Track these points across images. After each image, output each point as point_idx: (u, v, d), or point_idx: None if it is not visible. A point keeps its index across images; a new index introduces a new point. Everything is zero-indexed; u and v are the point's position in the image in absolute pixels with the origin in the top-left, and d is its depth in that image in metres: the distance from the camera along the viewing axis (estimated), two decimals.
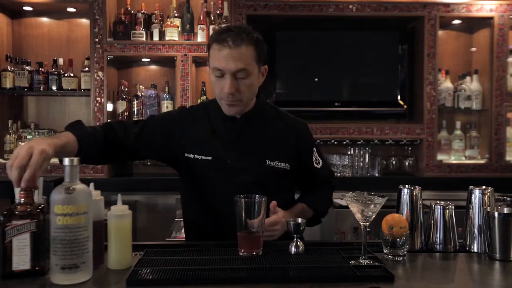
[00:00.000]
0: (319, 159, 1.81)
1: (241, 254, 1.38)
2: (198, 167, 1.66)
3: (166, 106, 3.41)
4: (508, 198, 1.58)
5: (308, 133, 1.82)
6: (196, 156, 1.66)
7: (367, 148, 3.58)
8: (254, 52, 1.57)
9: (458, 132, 3.57)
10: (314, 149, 1.80)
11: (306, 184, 1.84)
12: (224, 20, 3.35)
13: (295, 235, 1.42)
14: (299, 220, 1.44)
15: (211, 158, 1.64)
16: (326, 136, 3.43)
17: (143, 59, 3.58)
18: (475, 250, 1.51)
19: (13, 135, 3.37)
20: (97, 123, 3.30)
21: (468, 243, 1.53)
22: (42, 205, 1.24)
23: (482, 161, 3.50)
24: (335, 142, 3.48)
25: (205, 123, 1.70)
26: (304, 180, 1.82)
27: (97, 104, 3.31)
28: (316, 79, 3.50)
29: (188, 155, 1.67)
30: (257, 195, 1.40)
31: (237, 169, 1.63)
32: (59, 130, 3.53)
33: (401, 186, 1.57)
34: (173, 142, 1.70)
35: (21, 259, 1.20)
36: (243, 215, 1.38)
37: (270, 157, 1.66)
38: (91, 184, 1.32)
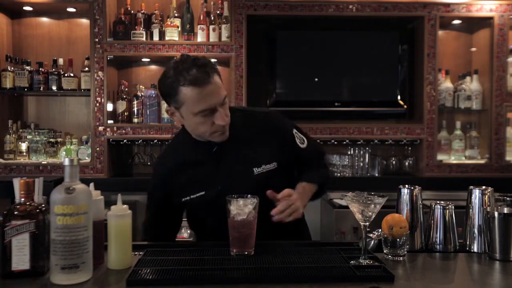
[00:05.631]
0: (303, 138, 1.75)
1: (232, 254, 1.39)
2: (196, 204, 1.65)
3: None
4: (508, 198, 1.58)
5: (282, 120, 1.75)
6: (191, 196, 1.64)
7: (367, 148, 3.58)
8: (219, 76, 1.55)
9: (458, 132, 3.57)
10: (294, 130, 1.73)
11: (299, 166, 1.77)
12: (224, 20, 3.35)
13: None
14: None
15: (204, 192, 1.63)
16: (326, 136, 3.42)
17: (143, 59, 3.58)
18: (475, 250, 1.51)
19: (13, 135, 3.37)
20: (97, 124, 3.30)
21: (468, 243, 1.53)
22: (42, 205, 1.24)
23: (482, 161, 3.50)
24: (335, 142, 3.48)
25: (184, 163, 1.66)
26: (296, 163, 1.75)
27: (97, 104, 3.31)
28: (316, 79, 3.50)
29: (185, 199, 1.65)
30: (249, 195, 1.40)
31: (230, 189, 1.54)
32: (59, 130, 3.54)
33: (401, 186, 1.57)
34: (171, 197, 1.68)
35: (20, 259, 1.20)
36: None
37: (255, 164, 1.63)
38: (91, 184, 1.32)
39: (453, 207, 1.53)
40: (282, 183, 1.70)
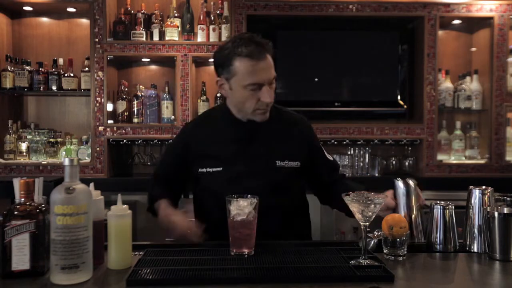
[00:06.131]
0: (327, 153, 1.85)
1: (232, 254, 1.39)
2: (211, 179, 1.68)
3: (166, 106, 3.40)
4: (508, 198, 1.58)
5: (312, 128, 1.84)
6: (208, 169, 1.68)
7: (367, 148, 3.58)
8: (271, 58, 1.63)
9: (458, 132, 3.57)
10: (320, 143, 1.84)
11: (327, 178, 1.81)
12: (224, 20, 3.35)
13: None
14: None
15: (221, 168, 1.66)
16: (326, 136, 3.42)
17: (143, 59, 3.58)
18: (475, 250, 1.51)
19: (13, 135, 3.37)
20: (97, 124, 3.30)
21: (468, 243, 1.53)
22: (42, 205, 1.24)
23: (482, 161, 3.50)
24: (335, 142, 3.48)
25: (212, 134, 1.72)
26: (324, 174, 1.80)
27: (97, 104, 3.31)
28: (316, 79, 3.50)
29: (201, 170, 1.69)
30: (249, 195, 1.40)
31: (248, 175, 1.63)
32: (59, 130, 3.54)
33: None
34: (187, 162, 1.74)
35: (20, 259, 1.20)
36: None
37: (280, 157, 1.67)
38: (91, 184, 1.32)
39: (453, 207, 1.53)
40: (298, 185, 1.73)
